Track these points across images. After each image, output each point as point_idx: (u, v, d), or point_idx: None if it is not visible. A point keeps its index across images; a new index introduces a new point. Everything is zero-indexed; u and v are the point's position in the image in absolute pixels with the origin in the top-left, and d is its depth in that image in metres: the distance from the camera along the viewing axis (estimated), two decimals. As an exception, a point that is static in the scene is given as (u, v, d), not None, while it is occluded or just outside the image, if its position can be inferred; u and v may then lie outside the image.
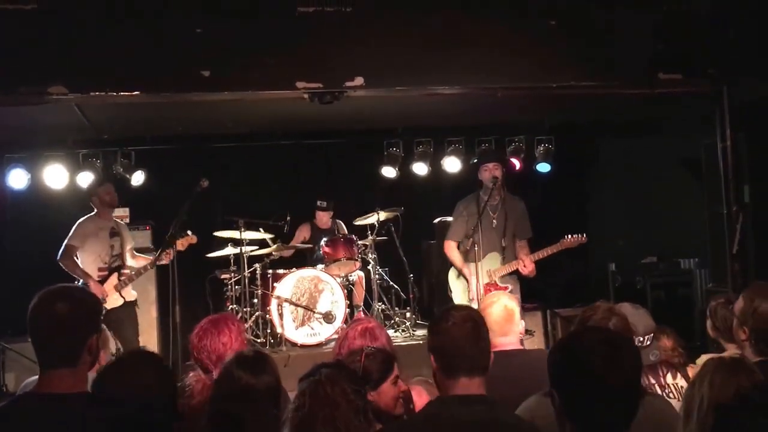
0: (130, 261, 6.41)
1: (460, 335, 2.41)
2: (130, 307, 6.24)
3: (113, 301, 6.09)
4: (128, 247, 6.45)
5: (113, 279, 6.14)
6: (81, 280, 5.99)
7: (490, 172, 5.86)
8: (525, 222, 6.00)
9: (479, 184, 6.06)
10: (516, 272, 5.92)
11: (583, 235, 5.84)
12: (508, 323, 3.44)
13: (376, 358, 2.81)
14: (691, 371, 3.61)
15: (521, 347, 3.53)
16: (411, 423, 2.38)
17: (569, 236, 5.82)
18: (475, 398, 2.39)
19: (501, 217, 5.86)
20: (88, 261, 6.15)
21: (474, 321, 2.48)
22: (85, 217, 6.30)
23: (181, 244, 6.29)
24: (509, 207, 5.94)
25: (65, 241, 6.13)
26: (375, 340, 3.16)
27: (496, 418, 2.35)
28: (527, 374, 3.11)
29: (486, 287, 5.73)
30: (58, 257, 6.12)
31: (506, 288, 5.78)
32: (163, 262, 6.18)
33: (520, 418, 2.48)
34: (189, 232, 6.41)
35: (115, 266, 6.21)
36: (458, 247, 6.04)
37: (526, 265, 5.71)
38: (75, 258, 6.11)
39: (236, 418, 2.41)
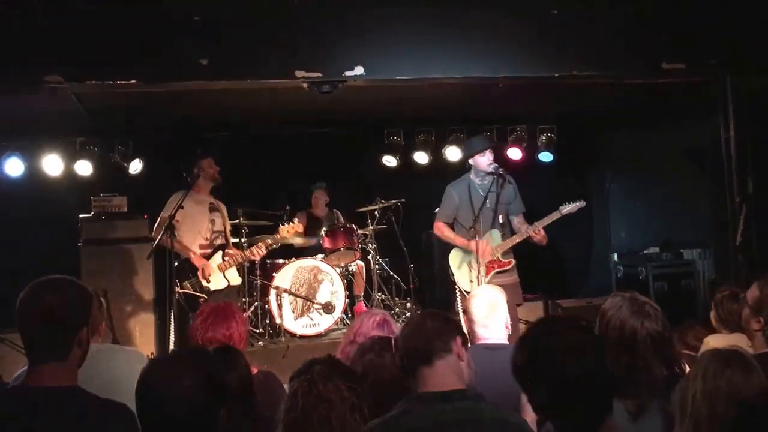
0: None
1: (408, 331, 2.50)
2: (233, 292, 5.83)
3: (217, 282, 5.68)
4: (228, 228, 6.03)
5: (217, 258, 5.72)
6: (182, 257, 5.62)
7: (488, 158, 5.81)
8: (516, 198, 5.94)
9: (468, 168, 5.99)
10: (514, 249, 5.88)
11: (580, 202, 5.73)
12: (491, 315, 3.44)
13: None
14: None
15: (506, 342, 3.50)
16: (388, 421, 2.32)
17: (564, 206, 5.73)
18: (455, 394, 2.36)
19: (493, 196, 5.78)
20: (188, 238, 5.73)
21: (417, 318, 2.58)
22: (180, 191, 5.78)
23: (287, 231, 6.02)
24: (500, 185, 5.84)
25: (160, 216, 5.75)
26: (392, 333, 3.16)
27: (479, 415, 2.32)
28: (509, 368, 3.12)
29: (489, 265, 5.68)
30: (153, 232, 5.78)
31: (510, 263, 5.76)
32: (255, 257, 5.89)
33: (507, 413, 2.44)
34: (295, 220, 6.12)
35: (218, 244, 5.75)
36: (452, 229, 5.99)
37: (538, 231, 5.63)
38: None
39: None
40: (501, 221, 5.80)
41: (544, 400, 1.87)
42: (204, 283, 5.69)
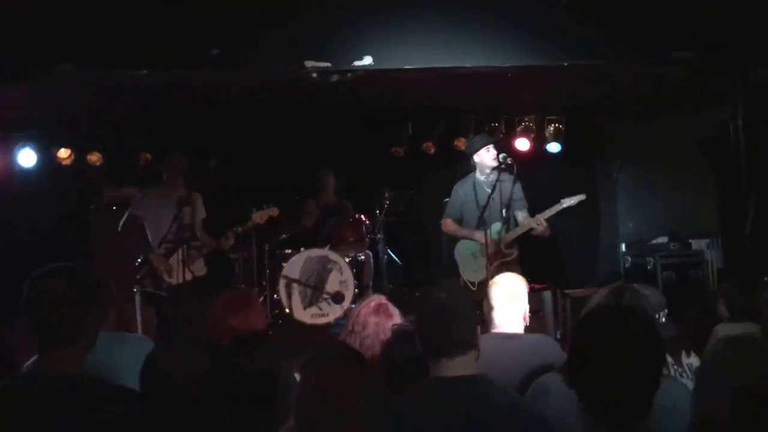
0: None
1: (433, 314, 2.42)
2: (200, 283, 5.83)
3: (180, 276, 5.74)
4: (199, 218, 6.02)
5: (181, 252, 5.76)
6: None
7: (492, 153, 6.04)
8: (520, 195, 6.13)
9: (473, 167, 6.20)
10: (517, 243, 6.05)
11: (581, 195, 5.95)
12: (512, 302, 3.42)
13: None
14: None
15: (521, 332, 3.48)
16: (399, 405, 2.34)
17: (566, 199, 5.94)
18: (466, 379, 2.35)
19: (497, 193, 5.96)
20: (155, 232, 5.80)
21: (444, 298, 2.46)
22: (150, 185, 6.01)
23: (260, 218, 6.11)
24: (502, 183, 6.03)
25: (127, 211, 5.88)
26: (389, 316, 3.14)
27: (487, 400, 2.32)
28: (525, 358, 3.14)
29: (493, 256, 5.84)
30: (119, 228, 5.87)
31: (512, 254, 6.00)
32: (223, 246, 5.91)
33: (516, 398, 2.45)
34: (268, 205, 6.19)
35: (183, 238, 5.76)
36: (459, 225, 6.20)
37: (540, 222, 5.85)
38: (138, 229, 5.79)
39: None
40: (505, 215, 5.98)
41: (584, 381, 1.86)
42: (166, 278, 5.73)
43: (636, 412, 1.82)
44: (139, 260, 5.79)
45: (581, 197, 5.93)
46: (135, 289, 5.72)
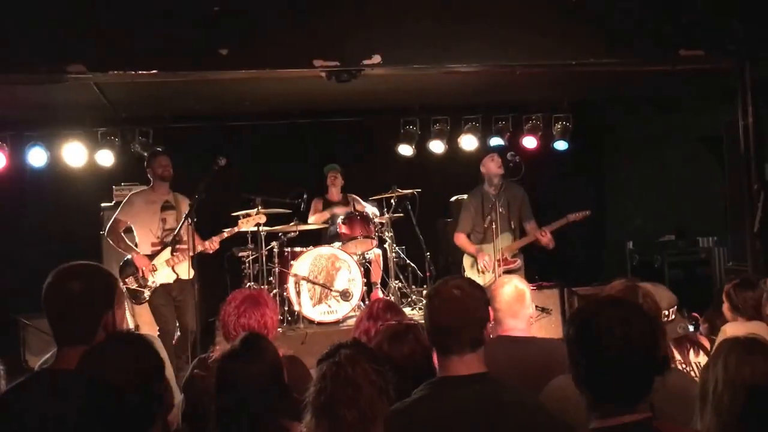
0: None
1: (445, 312, 2.38)
2: (186, 285, 5.87)
3: (164, 276, 5.87)
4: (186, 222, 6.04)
5: (165, 254, 5.88)
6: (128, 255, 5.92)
7: (497, 162, 6.19)
8: (526, 206, 6.34)
9: (481, 179, 6.36)
10: (522, 250, 6.24)
11: (586, 211, 6.16)
12: (518, 304, 3.39)
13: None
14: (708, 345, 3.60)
15: (530, 335, 3.45)
16: (411, 405, 2.33)
17: (572, 214, 6.16)
18: (476, 377, 2.36)
19: (504, 203, 6.18)
20: (142, 235, 5.98)
21: (458, 295, 2.40)
22: (137, 190, 6.19)
23: (247, 223, 6.23)
24: (510, 194, 6.25)
25: (114, 215, 6.05)
26: (398, 313, 3.18)
27: (499, 398, 2.33)
28: (534, 362, 3.10)
29: (498, 263, 5.97)
30: (105, 232, 6.03)
31: (515, 261, 6.22)
32: (208, 249, 5.96)
33: (527, 395, 2.46)
34: (254, 211, 6.27)
35: (168, 241, 5.89)
36: (469, 238, 6.40)
37: (545, 234, 6.06)
38: (121, 232, 5.95)
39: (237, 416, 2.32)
40: (513, 226, 6.21)
41: (583, 372, 1.91)
42: (150, 278, 5.86)
43: (635, 394, 1.88)
44: (123, 260, 5.95)
45: (586, 213, 6.15)
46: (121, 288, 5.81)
